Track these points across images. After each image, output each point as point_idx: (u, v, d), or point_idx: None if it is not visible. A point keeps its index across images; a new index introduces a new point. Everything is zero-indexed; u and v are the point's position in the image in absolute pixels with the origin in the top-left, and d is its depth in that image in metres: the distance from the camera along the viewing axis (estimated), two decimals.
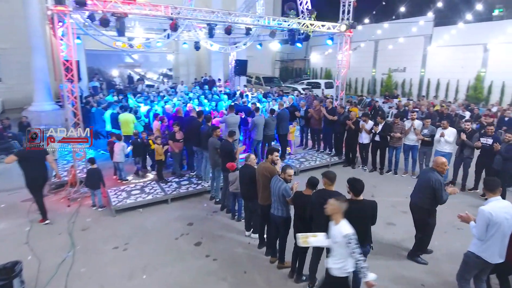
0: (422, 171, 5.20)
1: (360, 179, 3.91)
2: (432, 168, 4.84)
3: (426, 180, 4.72)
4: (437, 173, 4.70)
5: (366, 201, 3.90)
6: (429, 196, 4.70)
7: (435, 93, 21.12)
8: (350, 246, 3.17)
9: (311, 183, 4.32)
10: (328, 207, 3.36)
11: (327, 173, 4.23)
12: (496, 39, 18.23)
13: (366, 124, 8.88)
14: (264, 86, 20.54)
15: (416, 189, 5.01)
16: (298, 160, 9.53)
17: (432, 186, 4.61)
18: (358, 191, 3.85)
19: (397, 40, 22.04)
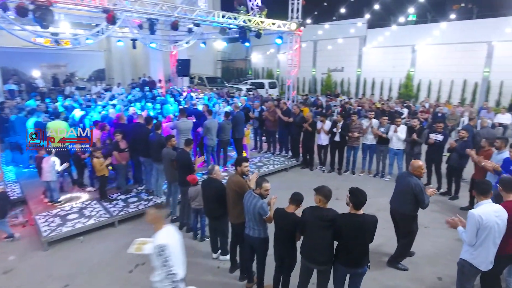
0: (399, 176, 4.97)
1: (364, 191, 3.48)
2: (409, 172, 4.65)
3: (405, 186, 4.52)
4: (415, 177, 4.52)
5: (367, 216, 3.49)
6: (411, 202, 4.50)
7: (371, 92, 22.32)
8: (161, 257, 2.94)
9: (296, 199, 3.79)
10: (147, 217, 3.15)
11: (322, 189, 3.68)
12: (422, 41, 19.78)
13: (325, 125, 8.71)
14: (208, 87, 19.71)
15: (395, 195, 4.80)
16: (255, 165, 9.02)
17: (413, 192, 4.41)
18: (361, 203, 3.43)
19: (334, 41, 22.82)
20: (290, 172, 9.09)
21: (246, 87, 21.73)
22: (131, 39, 14.51)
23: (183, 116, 7.61)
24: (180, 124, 7.42)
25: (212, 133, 7.96)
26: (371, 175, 8.68)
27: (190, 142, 5.72)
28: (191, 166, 5.51)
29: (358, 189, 3.48)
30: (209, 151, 8.11)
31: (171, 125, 7.81)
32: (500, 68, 17.54)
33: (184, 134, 7.43)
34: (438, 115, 13.57)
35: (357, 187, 3.52)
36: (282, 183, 8.21)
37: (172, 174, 5.88)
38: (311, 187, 7.89)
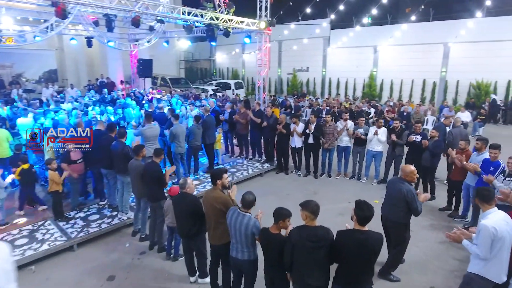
0: (389, 182, 4.69)
1: (371, 205, 3.11)
2: (401, 178, 4.41)
3: (397, 192, 4.26)
4: (407, 183, 4.29)
5: (372, 233, 3.12)
6: (403, 209, 4.25)
7: (337, 91, 22.61)
8: None
9: (280, 215, 3.35)
10: None
11: (308, 204, 3.23)
12: (384, 42, 20.31)
13: (298, 127, 8.41)
14: (172, 88, 18.82)
15: (386, 203, 4.54)
16: (228, 171, 8.51)
17: (405, 199, 4.17)
18: (366, 218, 3.05)
19: (299, 41, 22.86)
20: (265, 177, 8.69)
21: (212, 88, 21.12)
22: (85, 37, 13.35)
23: (149, 121, 6.93)
24: (147, 130, 6.74)
25: (180, 140, 7.34)
26: (347, 177, 8.51)
27: (160, 152, 5.10)
28: (162, 179, 4.91)
29: (365, 202, 3.11)
30: (178, 159, 7.48)
31: (136, 132, 7.09)
32: (456, 68, 18.44)
33: (151, 142, 6.75)
34: (403, 114, 13.89)
35: (365, 201, 3.15)
36: (257, 190, 7.73)
37: (141, 188, 5.23)
38: (289, 192, 7.60)
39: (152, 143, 6.83)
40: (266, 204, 7.33)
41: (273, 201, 7.14)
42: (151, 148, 6.54)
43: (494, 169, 5.30)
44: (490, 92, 17.19)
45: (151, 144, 6.80)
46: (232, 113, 9.40)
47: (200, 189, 7.32)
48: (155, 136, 6.91)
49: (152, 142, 6.84)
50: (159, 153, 5.03)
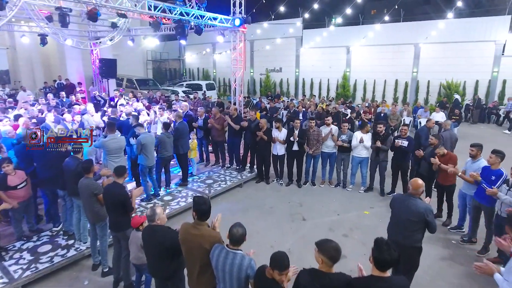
0: (396, 201, 4.07)
1: (393, 246, 2.46)
2: (410, 194, 3.86)
3: (412, 213, 3.70)
4: (420, 200, 3.76)
5: (395, 280, 2.49)
6: (421, 231, 3.73)
7: (310, 92, 22.32)
8: None
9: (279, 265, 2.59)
10: None
11: (327, 246, 2.55)
12: (356, 42, 20.22)
13: (280, 133, 7.77)
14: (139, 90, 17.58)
15: (395, 224, 3.96)
16: (204, 183, 7.72)
17: (425, 219, 3.66)
18: (385, 263, 2.41)
19: (272, 41, 22.35)
20: (245, 187, 7.97)
21: (182, 90, 20.09)
22: (38, 34, 11.97)
23: (113, 131, 5.99)
24: (109, 142, 5.80)
25: (148, 151, 6.45)
26: (332, 185, 7.98)
27: (123, 171, 4.22)
28: (127, 204, 4.06)
29: (387, 243, 2.47)
30: (146, 173, 6.58)
31: (97, 143, 6.11)
32: (427, 68, 18.66)
33: (115, 155, 5.84)
34: (380, 115, 13.68)
35: (386, 241, 2.50)
36: (238, 203, 7.06)
37: (94, 212, 4.35)
38: (272, 205, 6.92)
39: (116, 156, 5.92)
40: (249, 220, 6.62)
41: (256, 217, 6.47)
42: (115, 163, 5.67)
43: (496, 178, 4.92)
44: (460, 92, 17.51)
45: (115, 158, 5.89)
46: (206, 118, 8.60)
47: (173, 206, 6.48)
48: (119, 148, 5.98)
49: (116, 156, 5.93)
50: (121, 172, 4.15)
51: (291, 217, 6.47)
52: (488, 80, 17.30)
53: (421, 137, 7.65)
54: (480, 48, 17.21)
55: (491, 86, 17.28)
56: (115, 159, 5.83)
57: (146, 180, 6.64)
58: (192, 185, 7.51)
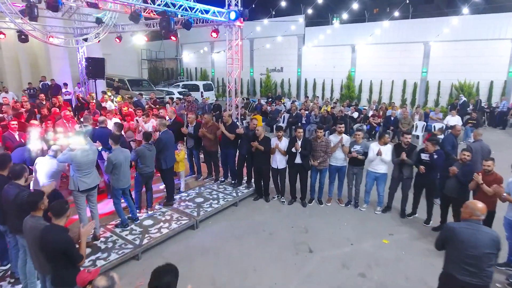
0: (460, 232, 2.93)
1: None
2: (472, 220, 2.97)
3: (487, 244, 2.93)
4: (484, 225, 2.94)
5: None
6: (493, 262, 2.98)
7: (313, 93, 21.22)
8: None
9: None
10: None
11: None
12: (362, 40, 19.09)
13: (281, 143, 6.67)
14: (131, 91, 16.51)
15: (464, 262, 2.98)
16: (193, 201, 6.61)
17: (498, 247, 3.00)
18: None
19: (273, 39, 21.29)
20: (241, 206, 6.86)
21: (178, 91, 19.03)
22: (17, 30, 10.89)
23: (83, 142, 4.88)
24: (78, 156, 4.70)
25: (122, 172, 5.34)
26: (342, 204, 6.87)
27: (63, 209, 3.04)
28: (71, 252, 2.95)
29: None
30: (119, 195, 5.47)
31: (62, 157, 4.99)
32: (437, 68, 17.53)
33: (86, 172, 4.78)
34: (390, 119, 12.58)
35: None
36: (231, 228, 5.96)
37: (41, 262, 3.25)
38: (272, 230, 5.79)
39: (87, 173, 4.83)
40: (244, 251, 5.42)
41: (253, 246, 5.35)
42: (86, 182, 4.67)
43: None
44: (474, 94, 16.35)
45: (86, 174, 4.81)
46: (197, 126, 7.51)
47: (153, 234, 5.38)
48: (90, 163, 4.89)
49: (87, 172, 4.84)
50: (60, 211, 3.03)
51: (295, 247, 5.36)
52: (504, 80, 16.15)
53: (446, 148, 6.55)
54: (495, 46, 16.06)
55: (507, 87, 16.13)
56: (86, 176, 4.79)
57: (119, 202, 5.54)
58: (179, 206, 6.40)
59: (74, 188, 4.80)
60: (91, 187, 4.98)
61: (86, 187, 4.89)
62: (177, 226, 5.65)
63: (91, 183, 4.95)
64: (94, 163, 5.09)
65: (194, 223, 5.87)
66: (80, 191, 4.84)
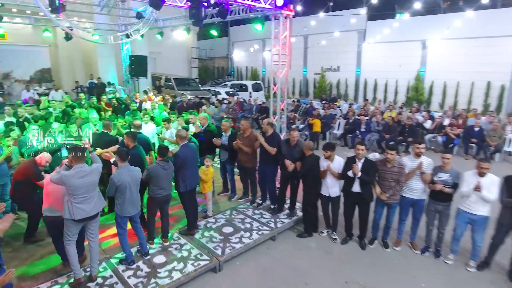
0: None
1: None
2: None
3: None
4: None
5: None
6: None
7: (373, 95, 18.92)
8: None
9: None
10: None
11: None
12: (435, 35, 16.38)
13: (333, 163, 5.09)
14: (176, 91, 15.86)
15: None
16: (220, 232, 5.30)
17: None
18: None
19: (328, 36, 19.33)
20: (280, 241, 5.41)
21: (226, 90, 18.05)
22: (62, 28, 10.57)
23: (80, 160, 3.81)
24: (73, 178, 3.65)
25: (127, 196, 4.19)
26: (416, 250, 5.06)
27: None
28: None
29: None
30: (123, 224, 4.34)
31: (55, 177, 3.94)
32: None
33: (82, 197, 3.74)
34: (474, 130, 10.16)
35: None
36: (263, 275, 4.53)
37: None
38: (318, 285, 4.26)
39: (85, 198, 3.77)
40: None
41: None
42: (83, 210, 3.74)
43: None
44: None
45: (85, 199, 3.78)
46: (233, 135, 6.20)
47: (162, 276, 4.15)
48: (90, 185, 3.81)
49: (85, 197, 3.77)
50: None
51: None
52: None
53: None
54: None
55: None
56: (84, 201, 3.75)
57: (124, 233, 4.40)
58: (202, 237, 5.13)
59: (68, 216, 3.76)
60: (91, 215, 3.90)
61: (84, 216, 3.83)
62: (194, 269, 4.37)
63: (90, 211, 3.88)
64: (96, 186, 3.99)
65: (217, 265, 4.55)
66: (76, 220, 3.79)
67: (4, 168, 5.39)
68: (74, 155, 3.77)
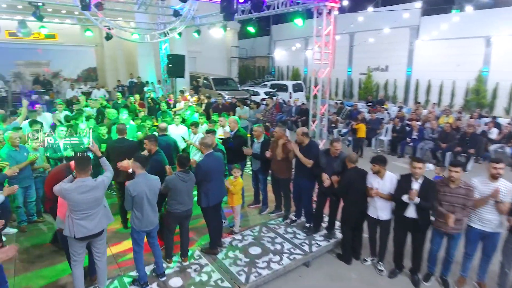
0: None
1: None
2: None
3: None
4: None
5: None
6: None
7: (426, 97, 17.27)
8: None
9: None
10: None
11: None
12: (502, 30, 14.47)
13: (382, 179, 4.25)
14: (214, 91, 15.56)
15: None
16: (245, 253, 4.67)
17: None
18: None
19: (377, 33, 17.97)
20: (314, 268, 4.67)
21: (265, 91, 17.45)
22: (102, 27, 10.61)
23: (83, 172, 3.39)
24: (73, 193, 3.24)
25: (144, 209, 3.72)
26: None
27: None
28: None
29: None
30: (140, 240, 3.87)
31: (57, 189, 3.50)
32: None
33: (84, 213, 3.33)
34: None
35: None
36: None
37: None
38: None
39: (87, 214, 3.35)
40: None
41: None
42: (85, 227, 3.37)
43: None
44: None
45: (87, 216, 3.38)
46: (266, 142, 5.56)
47: None
48: (93, 201, 3.37)
49: (87, 214, 3.36)
50: None
51: None
52: None
53: None
54: None
55: None
56: (86, 217, 3.34)
57: (140, 251, 3.93)
58: (225, 258, 4.54)
59: (68, 234, 3.36)
60: (94, 233, 3.47)
61: (86, 234, 3.41)
62: None
63: (93, 228, 3.45)
64: (100, 202, 3.51)
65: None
66: (77, 238, 3.37)
67: (27, 170, 5.20)
68: (77, 166, 3.35)
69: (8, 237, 5.03)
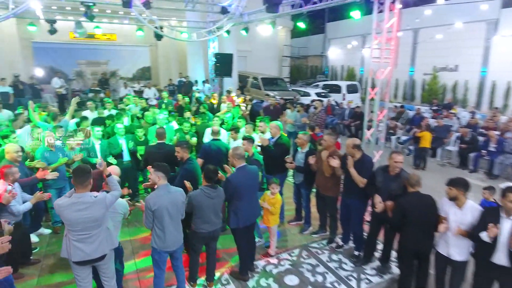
0: None
1: None
2: None
3: None
4: None
5: None
6: None
7: (504, 101, 15.01)
8: None
9: None
10: None
11: None
12: None
13: (461, 210, 3.30)
14: (263, 91, 15.04)
15: None
16: (278, 281, 4.00)
17: None
18: None
19: (447, 28, 16.06)
20: None
21: (316, 91, 16.51)
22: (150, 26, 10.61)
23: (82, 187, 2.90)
24: (66, 210, 2.84)
25: (166, 226, 3.24)
26: None
27: None
28: None
29: None
30: (162, 262, 3.40)
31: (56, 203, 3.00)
32: None
33: (81, 234, 2.94)
34: None
35: None
36: None
37: None
38: None
39: (85, 236, 2.93)
40: None
41: None
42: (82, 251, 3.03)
43: None
44: None
45: (85, 238, 2.98)
46: (311, 152, 4.83)
47: None
48: (90, 222, 2.90)
49: (85, 236, 2.94)
50: None
51: None
52: None
53: None
54: None
55: None
56: (81, 241, 2.92)
57: (162, 274, 3.47)
58: (256, 284, 3.91)
59: (66, 256, 2.98)
60: (93, 258, 3.02)
61: (83, 258, 2.97)
62: None
63: (92, 253, 2.99)
64: (101, 223, 3.00)
65: None
66: (75, 262, 2.97)
67: (62, 171, 5.05)
68: (74, 178, 2.93)
69: (41, 238, 4.96)
